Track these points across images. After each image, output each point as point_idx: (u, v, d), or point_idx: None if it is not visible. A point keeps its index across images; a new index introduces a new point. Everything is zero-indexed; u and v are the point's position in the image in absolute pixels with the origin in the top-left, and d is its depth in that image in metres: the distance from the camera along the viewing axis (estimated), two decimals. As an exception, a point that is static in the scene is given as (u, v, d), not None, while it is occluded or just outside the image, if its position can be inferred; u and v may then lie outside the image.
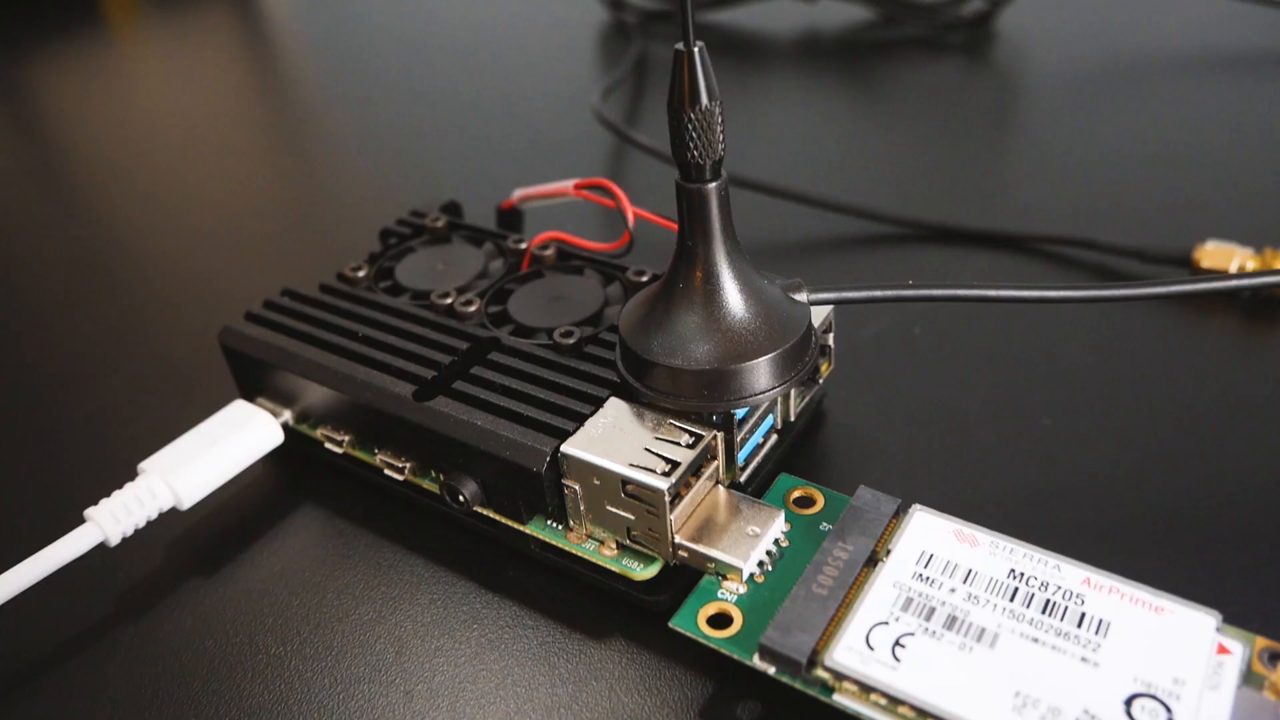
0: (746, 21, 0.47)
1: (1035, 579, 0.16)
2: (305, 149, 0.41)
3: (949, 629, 0.16)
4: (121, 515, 0.20)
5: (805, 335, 0.19)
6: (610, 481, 0.17)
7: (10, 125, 0.46)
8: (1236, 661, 0.15)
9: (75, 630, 0.19)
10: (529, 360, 0.20)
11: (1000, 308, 0.26)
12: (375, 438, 0.21)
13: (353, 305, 0.22)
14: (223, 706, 0.18)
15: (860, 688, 0.15)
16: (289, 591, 0.20)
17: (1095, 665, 0.15)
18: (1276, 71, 0.38)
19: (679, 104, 0.17)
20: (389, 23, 0.53)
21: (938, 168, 0.34)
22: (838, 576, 0.17)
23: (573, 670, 0.18)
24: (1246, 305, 0.26)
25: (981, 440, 0.22)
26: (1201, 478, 0.20)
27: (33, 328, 0.30)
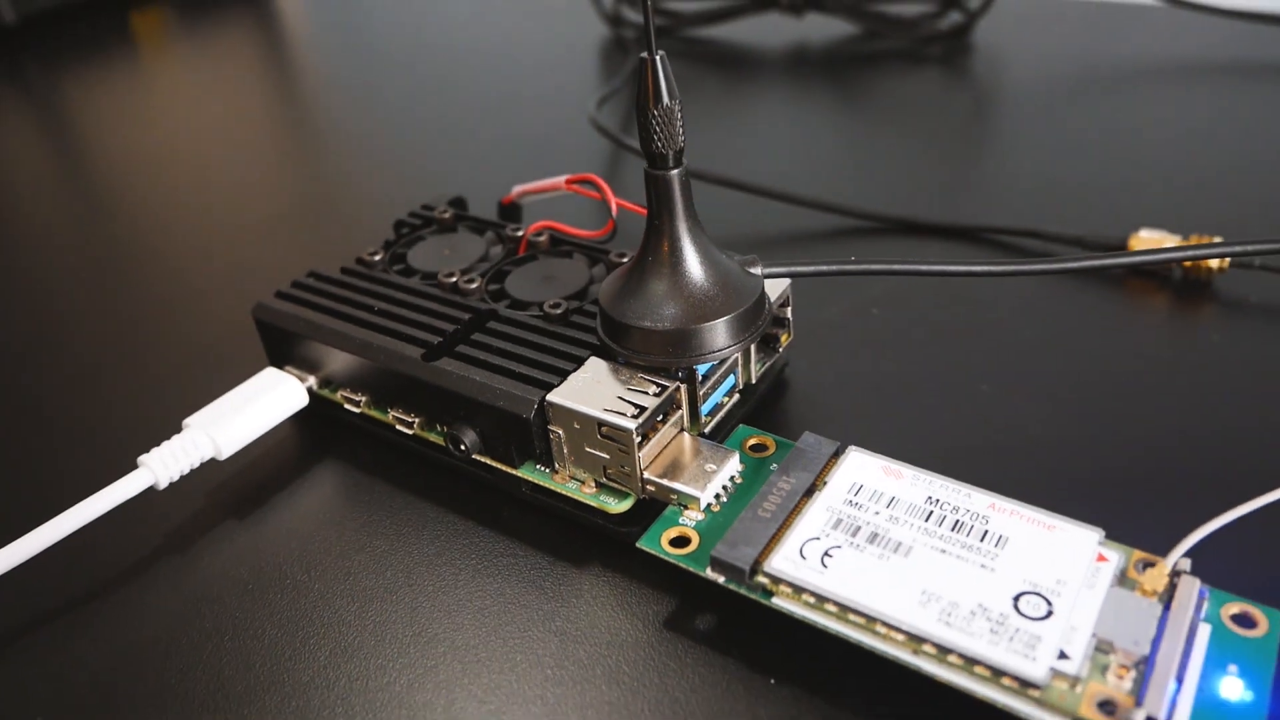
0: (739, 36, 0.51)
1: (948, 504, 0.19)
2: (325, 151, 0.44)
3: (870, 543, 0.18)
4: (169, 462, 0.23)
5: (758, 302, 0.21)
6: (588, 425, 0.20)
7: (51, 136, 0.50)
8: (1112, 568, 0.18)
9: (127, 562, 0.22)
10: (522, 328, 0.23)
11: (950, 291, 0.29)
12: (388, 397, 0.24)
13: (370, 284, 0.26)
14: (256, 624, 0.21)
15: (793, 589, 0.18)
16: (312, 530, 0.23)
17: (992, 570, 0.18)
18: (1219, 79, 0.41)
19: (644, 103, 0.20)
20: (402, 38, 0.57)
21: (914, 169, 0.37)
22: (780, 503, 0.19)
23: (557, 590, 0.21)
24: (1178, 286, 0.29)
25: (925, 403, 0.25)
26: (1107, 431, 0.23)
27: (87, 311, 0.33)
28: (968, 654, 0.16)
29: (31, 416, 0.28)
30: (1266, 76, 0.41)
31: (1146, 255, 0.24)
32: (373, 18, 0.62)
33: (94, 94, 0.53)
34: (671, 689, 0.18)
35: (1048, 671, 0.16)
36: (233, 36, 0.61)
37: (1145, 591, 0.17)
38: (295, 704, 0.19)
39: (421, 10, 0.61)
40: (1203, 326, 0.27)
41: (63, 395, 0.29)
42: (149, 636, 0.21)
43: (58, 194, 0.43)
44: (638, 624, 0.20)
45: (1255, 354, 0.25)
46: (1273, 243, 0.23)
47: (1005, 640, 0.16)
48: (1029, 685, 0.16)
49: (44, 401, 0.28)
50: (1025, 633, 0.16)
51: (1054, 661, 0.16)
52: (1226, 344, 0.26)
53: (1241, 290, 0.28)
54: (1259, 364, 0.25)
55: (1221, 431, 0.23)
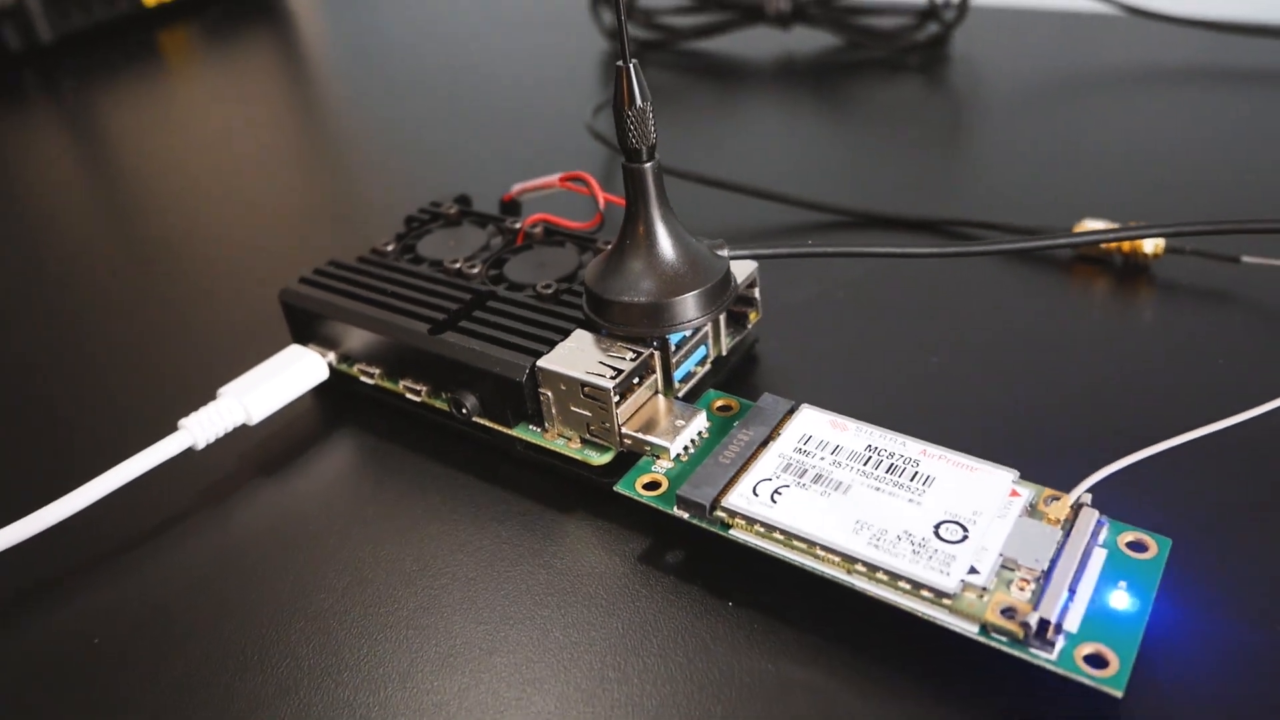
0: (729, 48, 0.54)
1: (885, 450, 0.22)
2: (341, 156, 0.47)
3: (815, 483, 0.21)
4: (206, 425, 0.26)
5: (724, 280, 0.24)
6: (572, 386, 0.23)
7: (85, 145, 0.53)
8: (1022, 501, 0.20)
9: (171, 511, 0.25)
10: (517, 306, 0.26)
11: (910, 277, 0.31)
12: (399, 369, 0.27)
13: (383, 270, 0.29)
14: (283, 562, 0.23)
15: (747, 521, 0.21)
16: (332, 485, 0.26)
17: (918, 504, 0.20)
18: (1176, 83, 0.44)
19: (620, 105, 0.23)
20: (413, 52, 0.60)
21: (892, 169, 0.40)
22: (739, 452, 0.22)
23: (546, 532, 0.24)
24: (1119, 271, 0.31)
25: (879, 373, 0.27)
26: (1036, 393, 0.26)
27: (127, 300, 0.36)
28: (893, 571, 0.19)
29: (85, 390, 0.31)
30: (1220, 81, 0.44)
31: (1071, 239, 0.27)
32: (385, 33, 0.65)
33: (124, 106, 0.57)
34: (643, 611, 0.21)
35: (959, 584, 0.19)
36: (253, 52, 0.65)
37: (1050, 520, 0.20)
38: (318, 627, 0.22)
39: (432, 26, 0.65)
40: (1137, 305, 0.30)
41: (111, 371, 0.32)
42: (191, 575, 0.23)
43: (93, 197, 0.47)
44: (615, 559, 0.23)
45: (1177, 328, 0.28)
46: (1185, 225, 0.26)
47: (925, 559, 0.19)
48: (943, 595, 0.19)
49: (94, 377, 0.32)
50: (942, 553, 0.19)
51: (965, 576, 0.19)
52: (1156, 320, 0.29)
53: (1175, 274, 0.31)
54: (1178, 336, 0.28)
55: (1135, 391, 0.26)
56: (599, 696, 0.20)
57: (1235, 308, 0.29)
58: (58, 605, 0.23)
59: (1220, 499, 0.22)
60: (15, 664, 0.22)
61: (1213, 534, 0.21)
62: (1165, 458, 0.21)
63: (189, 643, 0.22)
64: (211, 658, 0.21)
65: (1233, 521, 0.22)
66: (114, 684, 0.21)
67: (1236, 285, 0.30)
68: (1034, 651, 0.18)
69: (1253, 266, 0.30)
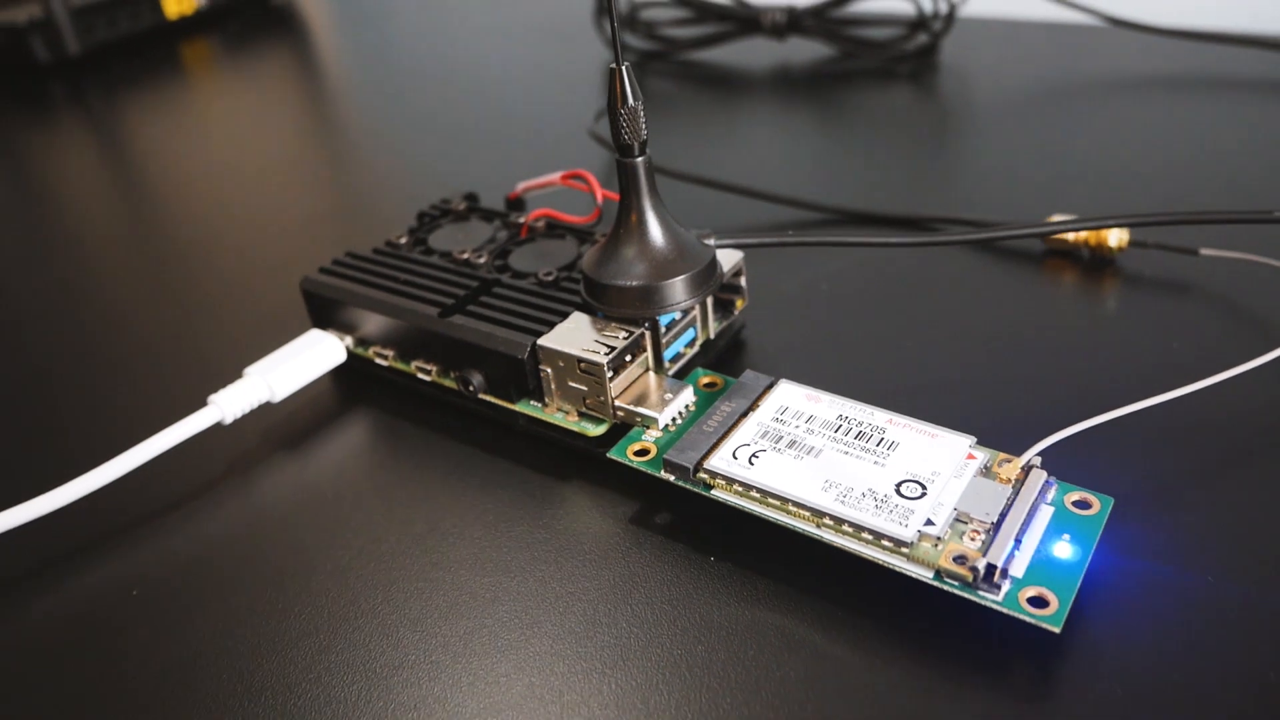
0: (728, 59, 0.56)
1: (854, 419, 0.24)
2: (356, 159, 0.50)
3: (789, 448, 0.23)
4: (233, 402, 0.28)
5: (710, 266, 0.26)
6: (570, 362, 0.25)
7: (111, 151, 0.56)
8: (977, 464, 0.22)
9: (201, 480, 0.27)
10: (520, 292, 0.28)
11: (891, 270, 0.33)
12: (411, 351, 0.29)
13: (397, 261, 0.31)
14: (304, 525, 0.26)
15: (727, 481, 0.23)
16: (348, 458, 0.28)
17: (882, 466, 0.22)
18: (1154, 90, 0.46)
19: (614, 104, 0.25)
20: (423, 61, 0.62)
21: (882, 171, 0.42)
22: (721, 421, 0.24)
23: (546, 497, 0.26)
24: (1086, 264, 0.33)
25: (857, 355, 0.30)
26: (1000, 371, 0.28)
27: (158, 292, 0.38)
28: (857, 523, 0.21)
29: (123, 371, 0.33)
30: (1197, 88, 0.46)
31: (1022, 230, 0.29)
32: (398, 44, 0.68)
33: (148, 114, 0.59)
34: (632, 566, 0.23)
35: (916, 534, 0.21)
36: (271, 63, 0.67)
37: (1001, 480, 0.22)
38: (336, 580, 0.24)
39: (442, 38, 0.67)
40: (1100, 294, 0.32)
41: (146, 355, 0.34)
42: (221, 535, 0.26)
43: (120, 201, 0.49)
44: (608, 520, 0.25)
45: (1136, 314, 0.30)
46: (1139, 216, 0.28)
47: (886, 513, 0.21)
48: (902, 544, 0.21)
49: (131, 360, 0.34)
50: (902, 508, 0.21)
51: (921, 527, 0.21)
52: (1117, 307, 0.31)
53: (1139, 266, 0.33)
54: (1136, 321, 0.30)
55: (1091, 370, 0.28)
56: (591, 639, 0.22)
57: (1192, 296, 0.31)
58: (101, 561, 0.25)
59: (1163, 465, 0.24)
60: (63, 613, 0.24)
61: (1154, 495, 0.23)
62: (1113, 426, 0.23)
63: (220, 593, 0.24)
64: (240, 607, 0.23)
65: (1173, 484, 0.24)
66: (152, 630, 0.23)
67: (1196, 276, 0.32)
68: (982, 594, 0.20)
69: (1211, 258, 0.32)
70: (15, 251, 0.44)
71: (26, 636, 0.23)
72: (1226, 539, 0.22)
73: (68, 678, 0.22)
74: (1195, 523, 0.23)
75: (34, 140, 0.58)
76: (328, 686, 0.21)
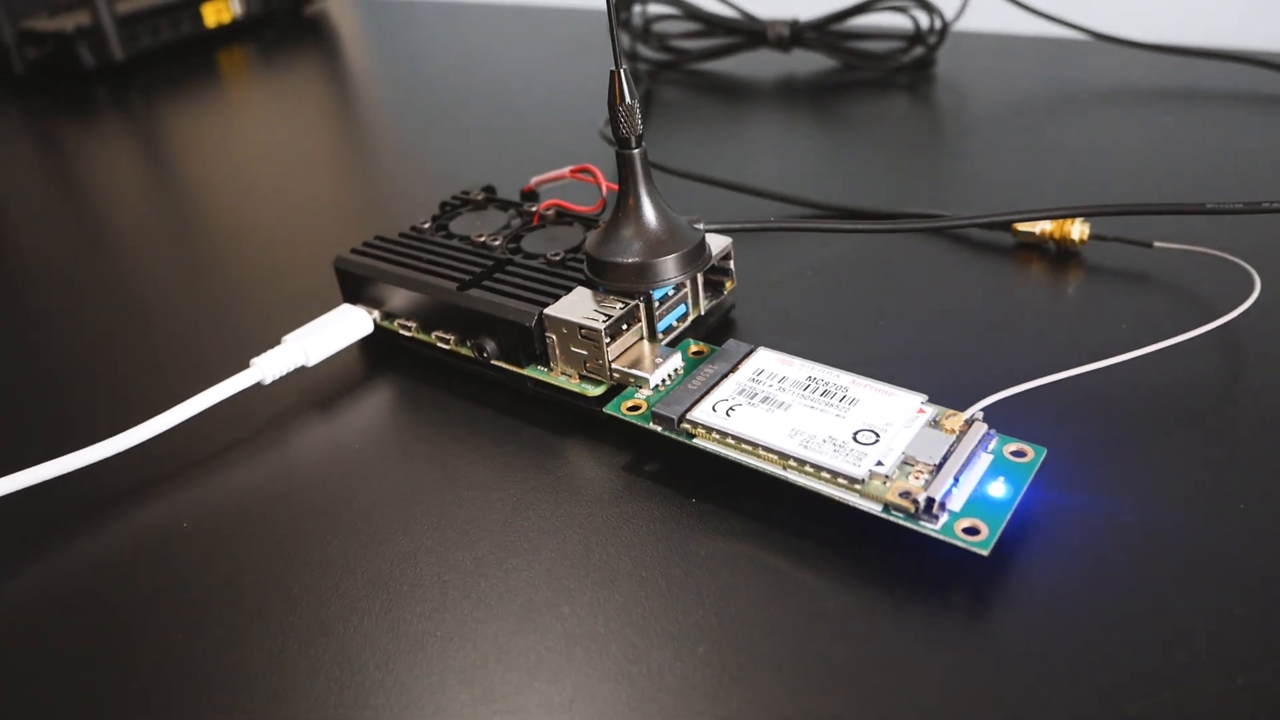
0: (736, 69, 0.59)
1: (822, 380, 0.27)
2: (384, 157, 0.53)
3: (762, 403, 0.26)
4: (273, 364, 0.31)
5: (699, 247, 0.30)
6: (572, 329, 0.29)
7: (151, 152, 0.60)
8: (926, 417, 0.25)
9: (242, 435, 0.31)
10: (530, 270, 0.32)
11: (874, 260, 0.37)
12: (432, 322, 0.32)
13: (420, 243, 0.34)
14: (333, 473, 0.29)
15: (706, 430, 0.26)
16: (374, 418, 0.31)
17: (843, 418, 0.25)
18: (1136, 101, 0.49)
19: (614, 101, 0.28)
20: (447, 68, 0.66)
21: (878, 174, 0.45)
22: (703, 381, 0.27)
23: (549, 450, 0.29)
24: (1053, 256, 0.36)
25: (834, 332, 0.33)
26: (962, 347, 0.31)
27: (202, 275, 0.42)
28: (817, 464, 0.24)
29: (175, 340, 0.37)
30: (1173, 98, 0.49)
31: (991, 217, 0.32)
32: (423, 52, 0.72)
33: (187, 117, 0.63)
34: (623, 506, 0.26)
35: (867, 473, 0.24)
36: (303, 69, 0.71)
37: (946, 430, 0.25)
38: (360, 516, 0.27)
39: (465, 47, 0.71)
40: (1061, 282, 0.35)
41: (195, 326, 0.37)
42: (259, 480, 0.29)
43: (161, 194, 0.53)
44: (604, 469, 0.28)
45: (1091, 299, 0.33)
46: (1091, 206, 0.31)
47: (843, 456, 0.24)
48: (855, 481, 0.24)
49: (182, 330, 0.37)
50: (857, 451, 0.24)
51: (873, 467, 0.24)
52: (1075, 293, 0.34)
53: (1101, 258, 0.36)
54: (1090, 305, 0.33)
55: (1044, 347, 0.31)
56: (584, 563, 0.25)
57: (1145, 283, 0.34)
58: (157, 499, 0.28)
59: (1096, 424, 0.27)
60: (124, 542, 0.27)
61: (1085, 449, 0.26)
62: (1053, 388, 0.26)
63: (259, 525, 0.27)
64: (275, 537, 0.27)
65: (1103, 441, 0.27)
66: (203, 554, 0.26)
67: (1150, 265, 0.34)
68: (923, 524, 0.23)
69: (1163, 250, 0.34)
70: (66, 239, 0.48)
71: (98, 557, 0.27)
72: (1147, 486, 0.25)
73: (133, 591, 0.25)
74: (1120, 473, 0.25)
75: (80, 140, 0.62)
76: (354, 600, 0.24)
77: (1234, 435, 0.26)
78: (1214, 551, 0.23)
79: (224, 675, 0.23)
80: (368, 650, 0.23)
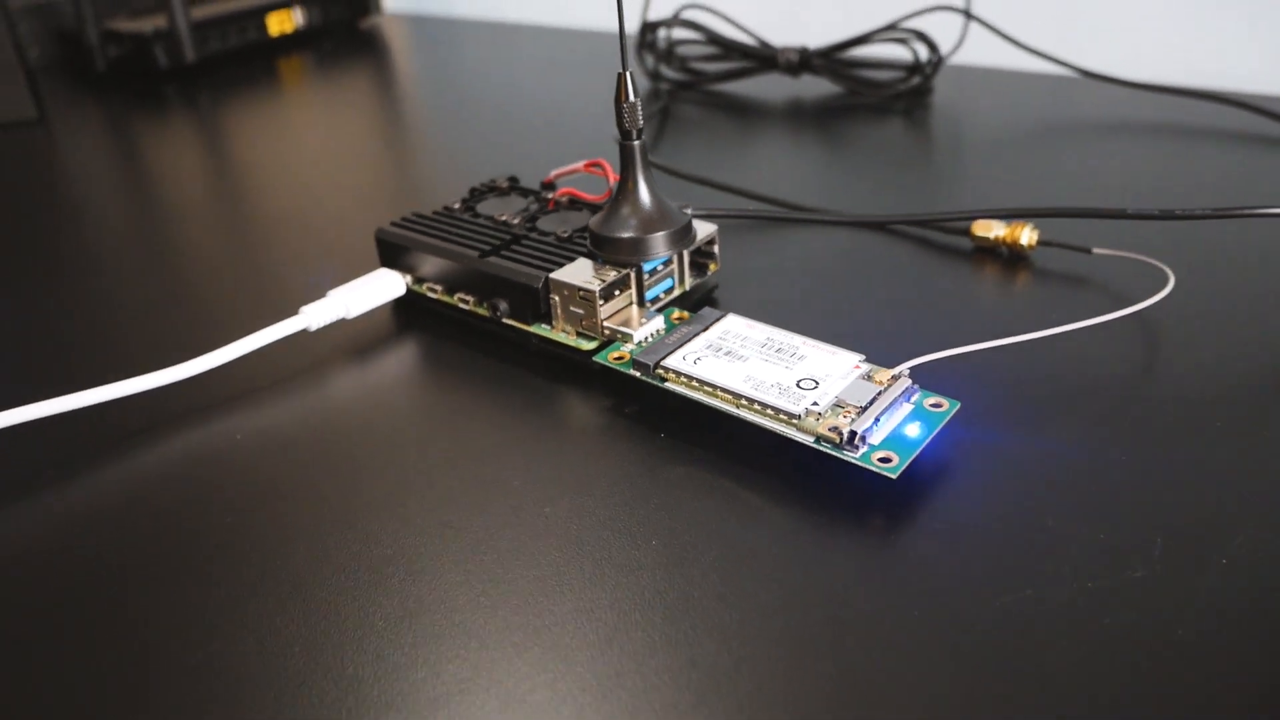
0: (749, 91, 0.64)
1: (778, 340, 0.32)
2: (423, 152, 0.59)
3: (725, 355, 0.31)
4: (319, 314, 0.37)
5: (685, 228, 0.35)
6: (572, 291, 0.34)
7: (215, 144, 0.66)
8: (861, 371, 0.30)
9: (289, 375, 0.36)
10: (542, 244, 0.37)
11: (849, 255, 0.41)
12: (456, 285, 0.37)
13: (450, 219, 0.39)
14: (368, 412, 0.34)
15: (676, 375, 0.31)
16: (403, 367, 0.36)
17: (790, 369, 0.30)
18: (1117, 134, 0.54)
19: (620, 99, 0.33)
20: (485, 79, 0.72)
21: (876, 187, 0.50)
22: (678, 338, 0.32)
23: (549, 394, 0.34)
24: (1005, 259, 0.41)
25: (805, 311, 0.38)
26: (911, 325, 0.36)
27: (261, 247, 0.48)
28: (763, 402, 0.29)
29: (234, 294, 0.42)
30: (1150, 132, 0.53)
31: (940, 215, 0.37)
32: (465, 64, 0.78)
33: (248, 115, 0.70)
34: (604, 440, 0.31)
35: (804, 410, 0.29)
36: (356, 77, 0.78)
37: (876, 382, 0.30)
38: (386, 441, 0.32)
39: (504, 61, 0.77)
40: (1008, 281, 0.39)
41: (251, 283, 0.43)
42: (304, 411, 0.34)
43: (224, 182, 0.59)
44: (591, 411, 0.33)
45: (1030, 295, 0.38)
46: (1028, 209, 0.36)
47: (786, 397, 0.29)
48: (793, 417, 0.29)
49: (240, 286, 0.43)
50: (797, 394, 0.29)
51: (809, 406, 0.29)
52: (1019, 290, 0.38)
53: (1047, 262, 0.40)
54: (1027, 300, 0.37)
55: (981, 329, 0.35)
56: (568, 480, 0.30)
57: (1082, 284, 0.38)
58: (218, 418, 0.34)
59: (1008, 388, 0.32)
60: (187, 449, 0.33)
61: (995, 405, 0.31)
62: (975, 357, 0.30)
63: (296, 448, 0.32)
64: (315, 459, 0.32)
65: (1012, 400, 0.31)
66: (252, 465, 0.32)
67: (1089, 268, 0.39)
68: (846, 453, 0.28)
69: (1101, 255, 0.39)
70: (140, 215, 0.54)
71: (156, 466, 0.32)
72: (1046, 436, 0.30)
73: (183, 500, 0.31)
74: (1025, 425, 0.30)
75: (152, 130, 0.69)
76: (378, 498, 0.29)
77: (1129, 400, 0.31)
78: (1089, 490, 0.28)
79: (267, 552, 0.28)
80: (385, 532, 0.28)
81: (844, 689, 0.23)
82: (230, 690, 0.24)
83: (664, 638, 0.24)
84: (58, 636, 0.26)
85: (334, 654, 0.24)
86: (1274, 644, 0.23)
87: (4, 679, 0.25)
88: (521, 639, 0.24)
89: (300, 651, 0.25)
